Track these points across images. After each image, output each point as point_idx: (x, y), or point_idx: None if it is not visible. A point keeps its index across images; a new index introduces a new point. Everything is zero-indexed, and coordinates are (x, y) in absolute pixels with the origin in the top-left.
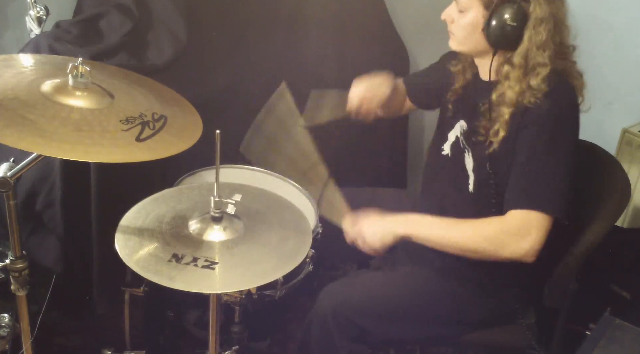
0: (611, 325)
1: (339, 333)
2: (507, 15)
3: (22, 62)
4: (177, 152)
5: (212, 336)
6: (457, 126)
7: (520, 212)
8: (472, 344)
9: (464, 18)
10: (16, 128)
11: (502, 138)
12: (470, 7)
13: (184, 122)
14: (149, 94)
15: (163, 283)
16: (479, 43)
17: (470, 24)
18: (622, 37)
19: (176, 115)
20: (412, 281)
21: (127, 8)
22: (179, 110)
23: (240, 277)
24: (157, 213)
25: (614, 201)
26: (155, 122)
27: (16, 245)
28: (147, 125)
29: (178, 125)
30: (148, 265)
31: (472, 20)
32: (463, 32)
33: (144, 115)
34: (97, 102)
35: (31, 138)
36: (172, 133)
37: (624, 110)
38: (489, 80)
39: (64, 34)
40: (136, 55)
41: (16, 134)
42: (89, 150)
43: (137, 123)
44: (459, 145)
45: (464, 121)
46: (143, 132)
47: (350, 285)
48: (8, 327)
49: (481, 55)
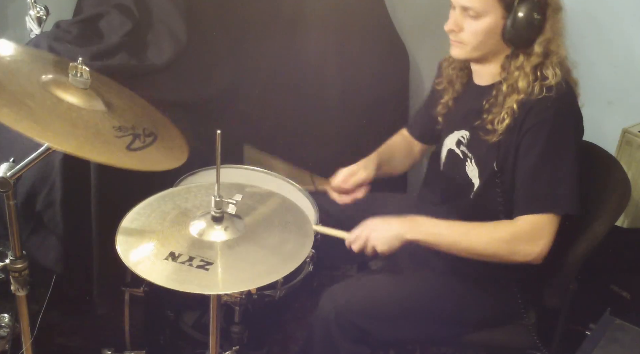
0: (611, 325)
1: (340, 335)
2: (532, 9)
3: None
4: (163, 169)
5: (212, 336)
6: (449, 140)
7: (532, 217)
8: (473, 344)
9: (479, 24)
10: (14, 109)
11: (506, 126)
12: (487, 11)
13: (171, 144)
14: (140, 112)
15: (162, 283)
16: (493, 46)
17: (488, 27)
18: (623, 37)
19: (164, 137)
20: (413, 282)
21: (127, 8)
22: (167, 133)
23: (240, 277)
24: (160, 211)
25: (614, 201)
26: (146, 137)
27: (16, 245)
28: (138, 138)
29: (165, 146)
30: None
31: (489, 23)
32: (478, 38)
33: (136, 127)
34: (94, 104)
35: (28, 123)
36: (160, 151)
37: (624, 110)
38: (488, 84)
39: (64, 34)
40: (136, 55)
41: (14, 115)
42: (82, 146)
43: (129, 134)
44: (457, 157)
45: (465, 130)
46: (134, 143)
47: (352, 287)
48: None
49: (488, 60)
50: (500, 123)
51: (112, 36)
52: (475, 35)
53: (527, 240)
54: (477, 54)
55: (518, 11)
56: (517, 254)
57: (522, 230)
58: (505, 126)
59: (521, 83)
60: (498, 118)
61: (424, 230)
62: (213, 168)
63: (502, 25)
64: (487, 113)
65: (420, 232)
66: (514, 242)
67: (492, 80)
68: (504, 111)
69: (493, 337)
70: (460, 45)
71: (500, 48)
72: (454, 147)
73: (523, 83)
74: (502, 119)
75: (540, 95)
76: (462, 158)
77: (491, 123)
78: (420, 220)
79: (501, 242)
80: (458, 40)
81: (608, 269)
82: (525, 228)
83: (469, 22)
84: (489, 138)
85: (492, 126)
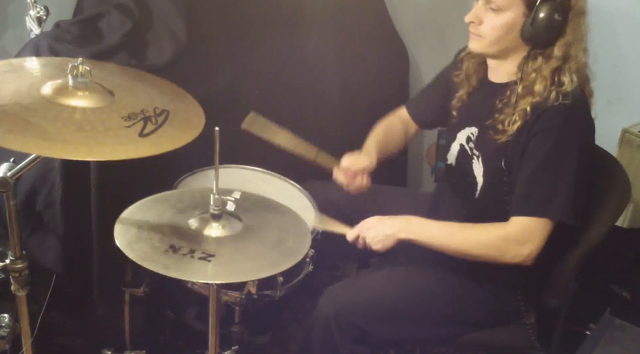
0: (611, 325)
1: (340, 335)
2: (553, 10)
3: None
4: (181, 145)
5: (212, 336)
6: (461, 135)
7: (522, 219)
8: (473, 344)
9: (499, 18)
10: (19, 133)
11: (517, 127)
12: (509, 6)
13: (186, 115)
14: (149, 89)
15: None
16: (511, 43)
17: (507, 23)
18: (623, 37)
19: (178, 108)
20: (413, 282)
21: (127, 8)
22: (180, 103)
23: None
24: (158, 209)
25: (614, 201)
26: (158, 117)
27: (16, 245)
28: (150, 120)
29: (180, 118)
30: (145, 253)
31: (510, 19)
32: (497, 33)
33: (145, 110)
34: (98, 100)
35: (34, 142)
36: (175, 126)
37: (624, 110)
38: (503, 82)
39: (64, 34)
40: (136, 55)
41: (19, 138)
42: (93, 150)
43: (139, 119)
44: (466, 153)
45: (475, 127)
46: (146, 127)
47: (351, 287)
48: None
49: (504, 57)
50: (511, 124)
51: (112, 36)
52: (494, 30)
53: (517, 242)
54: (493, 49)
55: (539, 10)
56: (506, 255)
57: (512, 231)
58: (516, 128)
59: (537, 86)
60: (510, 119)
61: (416, 230)
62: (212, 168)
63: (522, 23)
64: (499, 113)
65: (413, 232)
66: (503, 243)
67: (507, 79)
68: (516, 113)
69: (493, 337)
70: (478, 38)
71: (518, 46)
72: (464, 142)
73: (539, 87)
74: (513, 121)
75: (555, 101)
76: (469, 155)
77: (502, 123)
78: (414, 220)
79: (490, 243)
80: (477, 33)
81: (608, 269)
82: (516, 230)
83: (490, 16)
84: (498, 137)
85: (503, 126)
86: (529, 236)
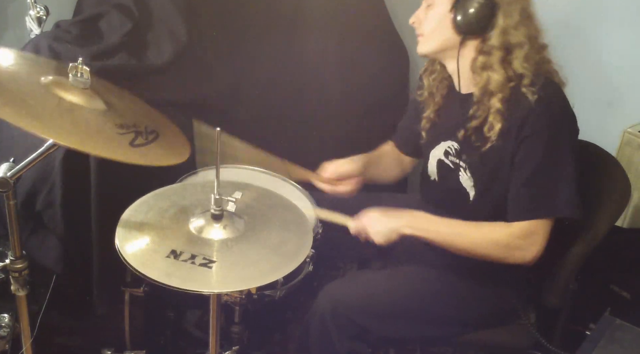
0: (611, 325)
1: (337, 331)
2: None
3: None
4: (168, 164)
5: (212, 336)
6: (436, 151)
7: (529, 223)
8: (473, 344)
9: (432, 12)
10: (15, 108)
11: (498, 132)
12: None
13: (175, 140)
14: (142, 112)
15: (160, 279)
16: (447, 35)
17: (440, 14)
18: (623, 37)
19: (167, 134)
20: (412, 280)
21: (127, 8)
22: (168, 132)
23: (239, 276)
24: (159, 207)
25: (614, 201)
26: (148, 134)
27: (16, 245)
28: (140, 135)
29: (169, 142)
30: (146, 260)
31: (440, 12)
32: (431, 25)
33: (137, 125)
34: (94, 103)
35: (29, 120)
36: (163, 147)
37: (624, 110)
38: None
39: (64, 34)
40: (136, 55)
41: (15, 112)
42: (86, 142)
43: (131, 131)
44: (448, 167)
45: (451, 140)
46: (137, 140)
47: (349, 284)
48: (8, 327)
49: (451, 53)
50: (490, 130)
51: (112, 36)
52: (429, 24)
53: (522, 245)
54: (434, 47)
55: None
56: (511, 257)
57: (518, 234)
58: (498, 132)
59: (494, 79)
60: (487, 125)
61: (421, 226)
62: (213, 168)
63: (452, 14)
64: (473, 120)
65: (418, 228)
66: (509, 245)
67: (473, 88)
68: (491, 115)
69: (493, 337)
70: (420, 38)
71: (454, 38)
72: (443, 157)
73: (497, 79)
74: (491, 126)
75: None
76: (453, 168)
77: (480, 130)
78: (420, 215)
79: (497, 244)
80: (419, 33)
81: (608, 269)
82: (521, 234)
83: (425, 13)
84: (480, 145)
85: (482, 134)
86: (534, 238)
